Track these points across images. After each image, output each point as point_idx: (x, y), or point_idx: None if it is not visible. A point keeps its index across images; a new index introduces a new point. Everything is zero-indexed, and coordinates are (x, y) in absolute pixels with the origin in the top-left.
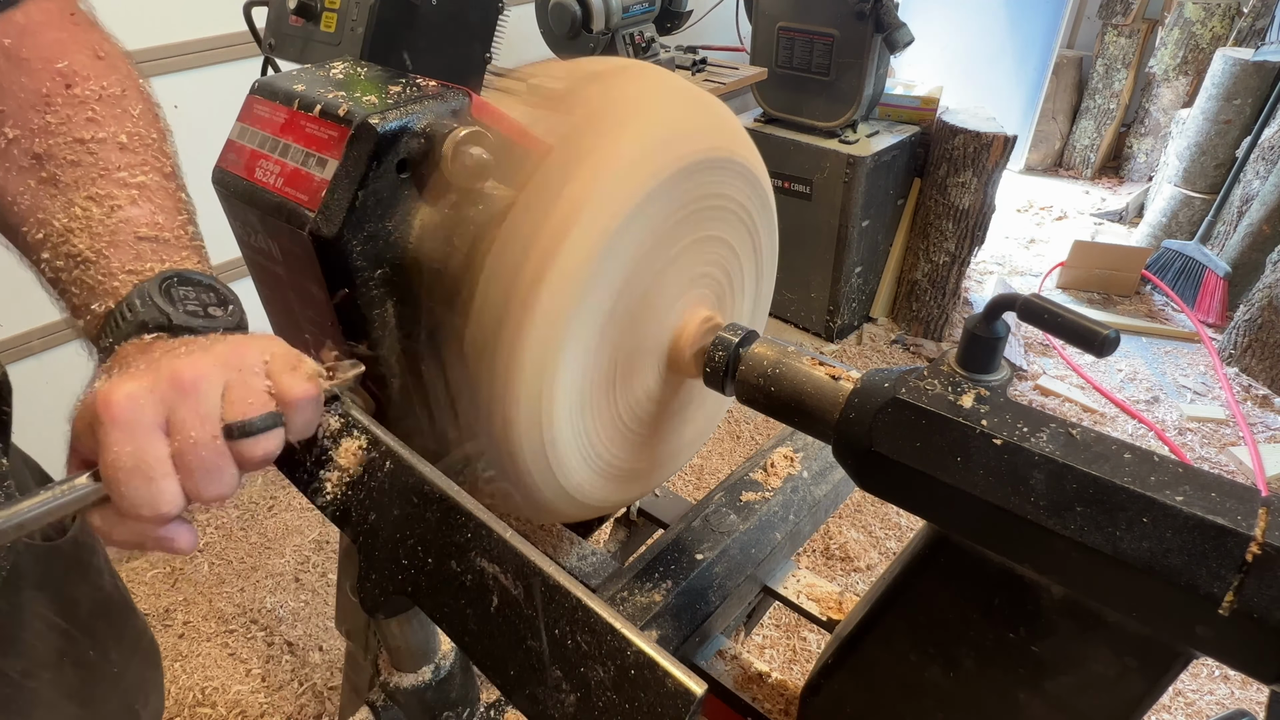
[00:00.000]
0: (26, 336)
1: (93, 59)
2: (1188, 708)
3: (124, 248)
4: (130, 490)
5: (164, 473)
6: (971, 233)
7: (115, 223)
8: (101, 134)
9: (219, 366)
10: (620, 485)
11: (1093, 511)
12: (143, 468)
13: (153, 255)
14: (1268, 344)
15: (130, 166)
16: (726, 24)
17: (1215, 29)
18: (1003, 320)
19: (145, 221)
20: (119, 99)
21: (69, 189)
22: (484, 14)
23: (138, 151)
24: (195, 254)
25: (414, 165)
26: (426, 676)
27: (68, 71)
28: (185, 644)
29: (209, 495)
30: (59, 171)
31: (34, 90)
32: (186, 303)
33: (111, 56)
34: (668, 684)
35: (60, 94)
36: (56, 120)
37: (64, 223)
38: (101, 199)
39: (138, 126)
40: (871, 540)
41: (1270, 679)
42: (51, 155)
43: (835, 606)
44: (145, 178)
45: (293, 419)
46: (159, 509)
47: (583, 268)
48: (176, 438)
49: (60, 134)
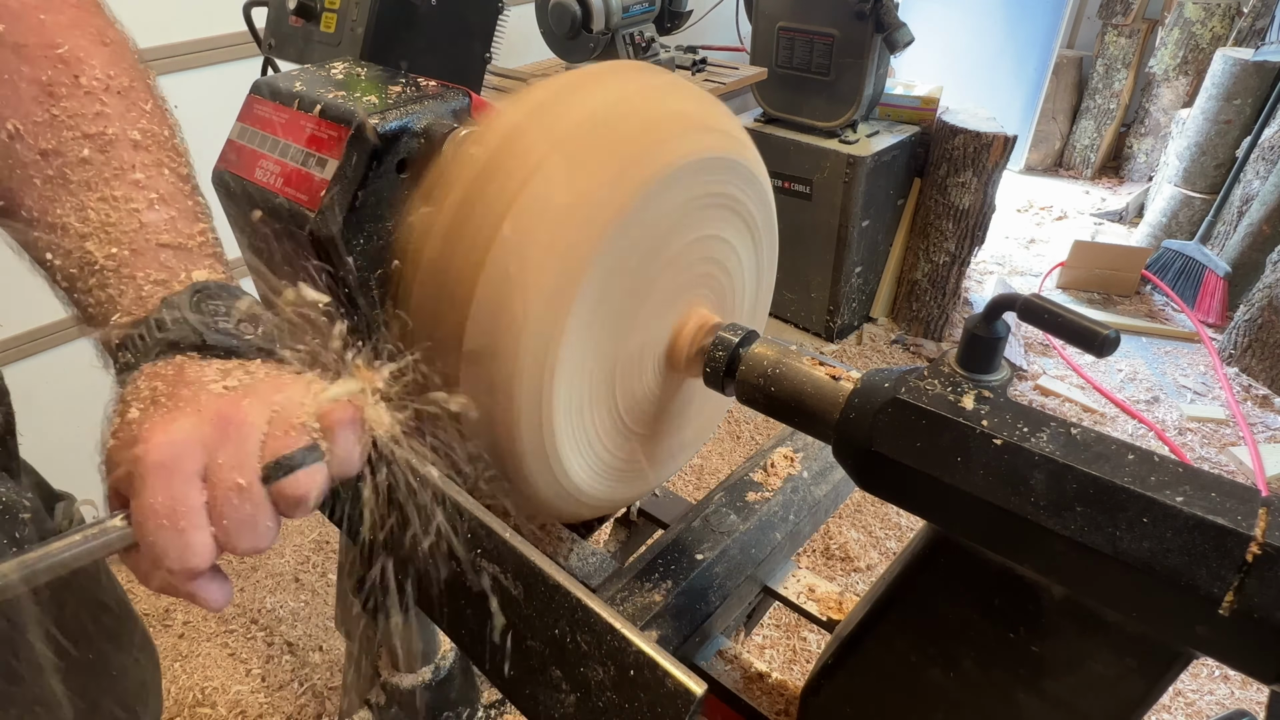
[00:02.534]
0: (24, 338)
1: (97, 45)
2: (1188, 708)
3: (145, 255)
4: (160, 541)
5: (196, 524)
6: (971, 233)
7: (134, 228)
8: (112, 130)
9: (261, 407)
10: (620, 485)
11: (1093, 511)
12: (174, 519)
13: (177, 264)
14: (1268, 344)
15: (145, 166)
16: (726, 24)
17: (1215, 29)
18: (1003, 320)
19: (165, 227)
20: (128, 91)
21: (81, 189)
22: (484, 14)
23: (151, 150)
24: (217, 261)
25: (414, 165)
26: (426, 676)
27: (70, 58)
28: (185, 644)
29: (243, 547)
30: (69, 170)
31: (35, 79)
32: (218, 318)
33: (117, 44)
34: (668, 684)
35: (64, 83)
36: (63, 113)
37: (78, 227)
38: (117, 202)
39: (150, 123)
40: (871, 540)
41: (1270, 679)
42: (59, 152)
43: (835, 606)
44: (161, 179)
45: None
46: (187, 563)
47: (582, 268)
48: (214, 485)
49: (68, 129)
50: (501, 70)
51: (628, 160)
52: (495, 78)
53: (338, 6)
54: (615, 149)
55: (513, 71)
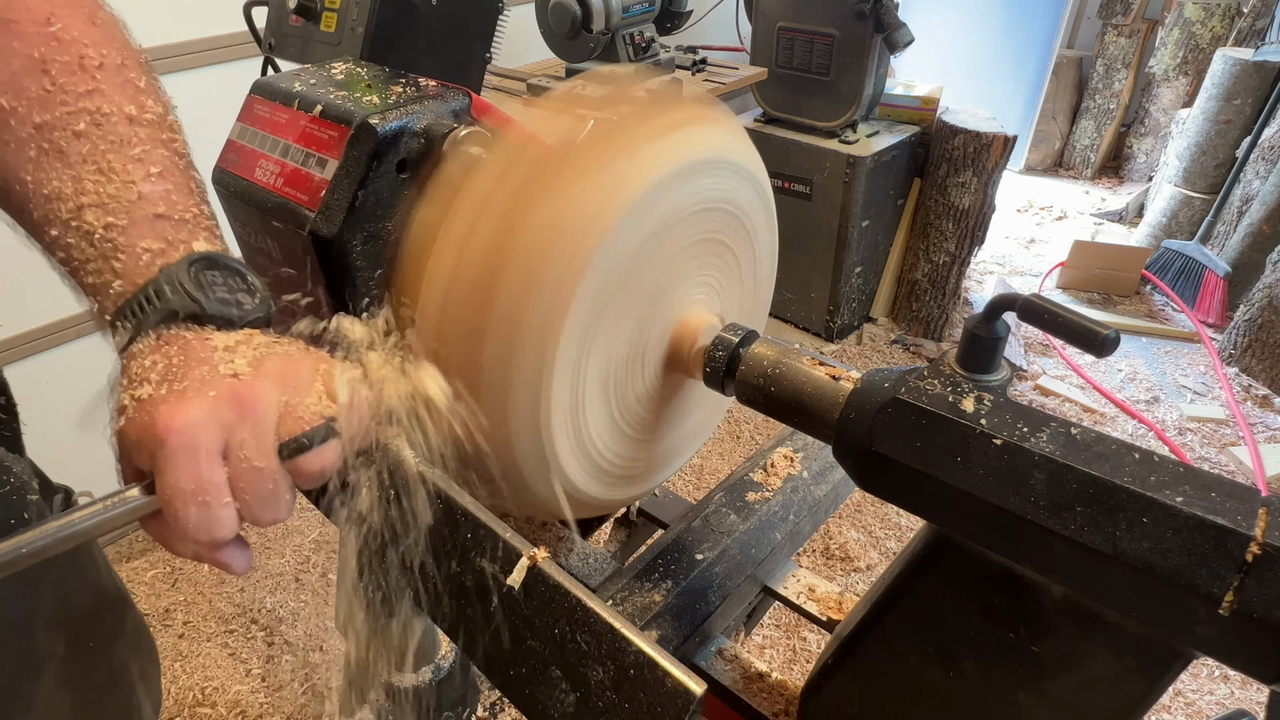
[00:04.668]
0: (24, 338)
1: (88, 24)
2: (1188, 708)
3: (142, 225)
4: (189, 516)
5: (222, 500)
6: (971, 233)
7: (132, 199)
8: (107, 106)
9: (276, 386)
10: (620, 484)
11: (1093, 511)
12: (201, 495)
13: (174, 235)
14: (1268, 344)
15: (141, 140)
16: (726, 24)
17: (1215, 29)
18: (1003, 320)
19: (162, 199)
20: (120, 68)
21: (77, 163)
22: (484, 14)
23: (147, 125)
24: (212, 234)
25: (414, 165)
26: (426, 676)
27: (63, 35)
28: (185, 644)
29: (265, 519)
30: (64, 143)
31: (27, 55)
32: (215, 288)
33: (107, 25)
34: (667, 684)
35: (57, 60)
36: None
37: (74, 198)
38: (114, 173)
39: (145, 98)
40: (871, 540)
41: (1270, 679)
42: (55, 125)
43: (835, 606)
44: (157, 153)
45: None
46: (215, 535)
47: (581, 268)
48: (234, 462)
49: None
50: (501, 70)
51: (626, 162)
52: (495, 78)
53: (338, 6)
54: (613, 153)
55: (513, 71)
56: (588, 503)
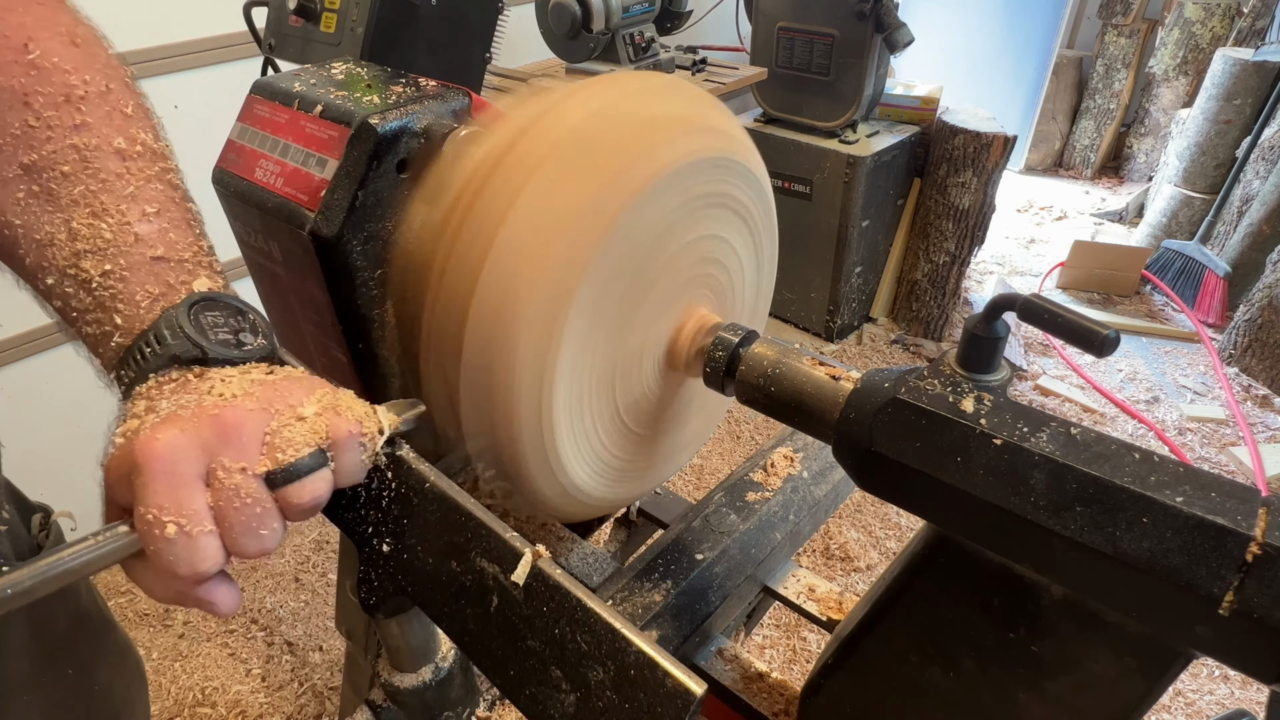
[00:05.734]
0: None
1: (68, 46)
2: (1188, 708)
3: (141, 270)
4: (167, 546)
5: (203, 528)
6: (971, 233)
7: (128, 242)
8: (94, 139)
9: (262, 411)
10: (620, 484)
11: (1093, 511)
12: (181, 522)
13: (173, 277)
14: (1268, 344)
15: (133, 177)
16: (726, 24)
17: (1215, 29)
18: (1003, 320)
19: (159, 239)
20: (105, 95)
21: (69, 205)
22: (484, 14)
23: (136, 158)
24: (211, 270)
25: (414, 165)
26: (426, 676)
27: (42, 64)
28: (185, 644)
29: (251, 550)
30: (54, 185)
31: (7, 87)
32: (217, 330)
33: (88, 43)
34: (667, 684)
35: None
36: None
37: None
38: (106, 215)
39: (134, 128)
40: (871, 540)
41: (1270, 679)
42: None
43: (835, 606)
44: (151, 189)
45: (339, 459)
46: (196, 567)
47: (580, 270)
48: (216, 487)
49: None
50: (501, 70)
51: (625, 163)
52: (495, 78)
53: (338, 6)
54: (612, 152)
55: (513, 71)
56: (589, 503)
